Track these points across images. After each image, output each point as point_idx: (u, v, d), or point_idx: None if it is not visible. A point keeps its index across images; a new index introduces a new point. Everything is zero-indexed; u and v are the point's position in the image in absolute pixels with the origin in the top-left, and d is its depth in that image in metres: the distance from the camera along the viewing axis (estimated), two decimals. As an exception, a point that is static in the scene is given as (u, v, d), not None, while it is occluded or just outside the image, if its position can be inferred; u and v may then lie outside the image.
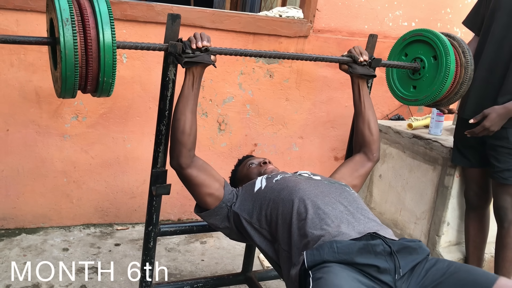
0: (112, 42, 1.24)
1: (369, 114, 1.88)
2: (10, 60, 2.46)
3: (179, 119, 1.57)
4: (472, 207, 2.43)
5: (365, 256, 1.33)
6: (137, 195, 2.92)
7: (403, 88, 2.00)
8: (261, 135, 3.11)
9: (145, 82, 2.74)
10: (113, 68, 1.27)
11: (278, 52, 1.72)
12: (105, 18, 1.24)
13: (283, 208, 1.53)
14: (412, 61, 1.94)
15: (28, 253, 2.49)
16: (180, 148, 1.58)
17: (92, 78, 1.28)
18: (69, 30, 1.18)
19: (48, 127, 2.63)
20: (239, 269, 2.25)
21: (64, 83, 1.23)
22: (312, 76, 3.11)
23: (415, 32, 1.93)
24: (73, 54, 1.19)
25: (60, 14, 1.17)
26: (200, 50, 1.51)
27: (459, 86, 1.86)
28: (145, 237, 1.75)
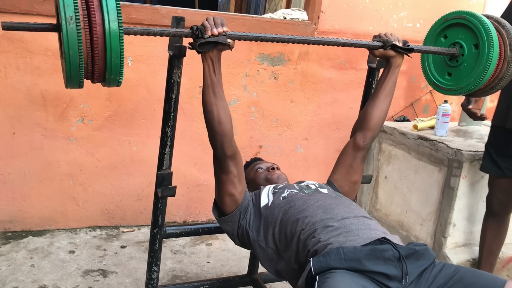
0: (119, 27, 1.17)
1: (383, 100, 1.77)
2: (16, 64, 2.48)
3: (211, 110, 1.52)
4: (493, 213, 2.37)
5: (374, 262, 1.31)
6: (142, 197, 2.93)
7: (438, 74, 1.84)
8: (266, 137, 3.11)
9: (150, 85, 2.75)
10: (121, 55, 1.19)
11: (301, 36, 1.58)
12: (111, 6, 1.17)
13: (291, 226, 1.52)
14: (451, 45, 1.77)
15: (34, 255, 2.50)
16: (221, 138, 1.54)
17: (99, 74, 1.22)
18: (73, 29, 1.12)
19: (54, 130, 2.65)
20: (245, 271, 2.25)
21: (69, 78, 1.19)
22: (317, 78, 3.11)
23: (458, 14, 1.74)
24: (78, 53, 1.14)
25: (64, 11, 1.11)
26: (216, 37, 1.42)
27: (498, 81, 1.70)
28: (150, 239, 1.76)
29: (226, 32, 1.43)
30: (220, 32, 1.42)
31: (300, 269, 1.47)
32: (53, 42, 2.50)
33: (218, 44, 1.43)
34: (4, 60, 2.46)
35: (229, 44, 1.45)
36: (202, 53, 1.47)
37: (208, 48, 1.43)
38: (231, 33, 1.45)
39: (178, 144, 2.39)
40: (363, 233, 1.42)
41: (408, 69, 3.37)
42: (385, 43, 1.68)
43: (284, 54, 2.98)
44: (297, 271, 1.49)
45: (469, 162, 2.52)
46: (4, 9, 2.37)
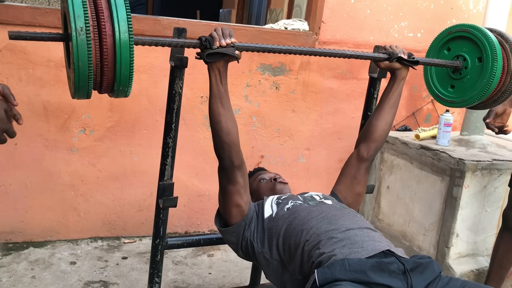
0: (129, 38, 1.15)
1: (388, 112, 1.77)
2: (18, 75, 2.49)
3: (219, 121, 1.51)
4: (508, 228, 2.31)
5: (379, 274, 1.30)
6: (144, 208, 2.92)
7: (441, 86, 1.85)
8: (268, 146, 3.11)
9: (152, 95, 2.75)
10: (131, 66, 1.18)
11: (307, 48, 1.58)
12: (122, 17, 1.15)
13: (296, 238, 1.51)
14: (454, 57, 1.78)
15: (36, 266, 2.49)
16: (230, 149, 1.53)
17: (107, 85, 1.21)
18: (83, 41, 1.09)
19: (56, 141, 2.65)
20: (247, 282, 2.24)
21: (77, 89, 1.16)
22: (318, 88, 3.11)
23: (462, 27, 1.75)
24: (87, 65, 1.12)
25: (74, 22, 1.09)
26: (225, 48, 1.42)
27: (500, 94, 1.71)
28: (152, 250, 1.75)
29: (234, 43, 1.43)
30: (228, 43, 1.42)
31: (304, 280, 1.46)
32: (55, 53, 2.52)
33: (225, 55, 1.43)
34: (7, 71, 2.47)
35: (236, 56, 1.45)
36: (209, 64, 1.47)
37: (215, 58, 1.44)
38: (239, 44, 1.45)
39: (180, 155, 2.39)
40: (367, 245, 1.41)
41: (410, 79, 3.36)
42: (390, 55, 1.69)
43: (285, 64, 2.99)
44: (302, 283, 1.47)
45: (471, 172, 2.51)
46: (7, 20, 2.38)
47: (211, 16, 5.12)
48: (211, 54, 1.41)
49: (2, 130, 1.23)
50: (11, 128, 1.26)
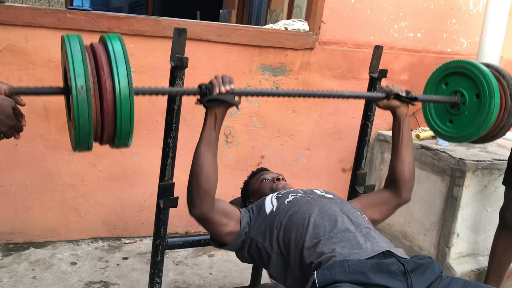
0: (130, 93, 1.15)
1: (405, 152, 1.74)
2: (19, 76, 2.49)
3: (202, 164, 1.48)
4: (506, 226, 2.32)
5: (379, 275, 1.30)
6: (144, 208, 2.92)
7: (439, 120, 1.87)
8: (268, 147, 3.11)
9: (152, 96, 2.75)
10: (131, 120, 1.18)
11: (306, 91, 1.59)
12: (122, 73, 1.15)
13: (296, 232, 1.51)
14: (452, 93, 1.79)
15: (36, 267, 2.49)
16: (204, 196, 1.49)
17: (108, 138, 1.21)
18: (84, 99, 1.09)
19: (56, 142, 2.65)
20: (247, 282, 2.24)
21: (78, 144, 1.16)
22: (319, 88, 3.11)
23: (459, 63, 1.77)
24: (88, 122, 1.11)
25: (75, 80, 1.10)
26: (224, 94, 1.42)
27: (499, 130, 1.73)
28: (153, 251, 1.75)
29: (234, 89, 1.45)
30: (228, 89, 1.43)
31: (303, 276, 1.46)
32: (56, 54, 2.52)
33: (225, 102, 1.45)
34: (7, 72, 2.47)
35: (236, 103, 1.47)
36: (208, 109, 1.48)
37: (215, 104, 1.45)
38: (239, 90, 1.47)
39: (180, 155, 2.39)
40: (367, 246, 1.41)
41: (410, 79, 3.38)
42: (388, 94, 1.69)
43: (285, 64, 2.99)
44: (300, 278, 1.48)
45: (472, 172, 2.51)
46: (7, 21, 2.39)
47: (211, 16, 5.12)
48: (211, 100, 1.42)
49: (10, 126, 1.26)
50: (18, 123, 1.28)
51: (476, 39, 3.38)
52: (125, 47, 1.18)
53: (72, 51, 1.12)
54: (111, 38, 1.20)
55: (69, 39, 1.16)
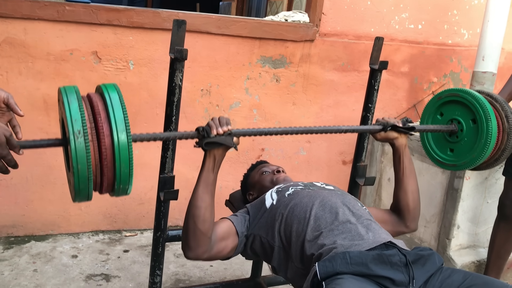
0: (127, 137, 1.16)
1: (408, 182, 1.73)
2: (18, 69, 2.48)
3: (199, 206, 1.47)
4: (505, 217, 2.32)
5: (380, 267, 1.30)
6: (145, 201, 2.92)
7: (440, 150, 1.85)
8: (268, 139, 3.10)
9: (152, 88, 2.75)
10: (130, 165, 1.18)
11: (304, 127, 1.58)
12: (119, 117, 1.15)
13: (298, 225, 1.51)
14: (448, 122, 1.79)
15: (37, 260, 2.50)
16: (200, 237, 1.48)
17: (107, 184, 1.20)
18: (82, 144, 1.09)
19: (56, 134, 2.62)
20: (248, 274, 2.24)
21: (78, 192, 1.16)
22: (319, 80, 3.10)
23: (451, 92, 1.77)
24: (87, 167, 1.11)
25: (72, 126, 1.09)
26: (222, 135, 1.43)
27: (501, 153, 1.73)
28: (153, 243, 1.75)
29: (231, 130, 1.45)
30: (225, 130, 1.43)
31: (304, 269, 1.46)
32: (55, 46, 2.51)
33: (223, 144, 1.44)
34: (6, 65, 2.46)
35: (234, 145, 1.46)
36: (207, 151, 1.47)
37: (213, 147, 1.44)
38: (236, 131, 1.47)
39: (180, 148, 2.38)
40: (368, 237, 1.41)
41: (411, 71, 3.37)
42: (384, 126, 1.69)
43: (286, 56, 2.97)
44: (301, 271, 1.48)
45: (472, 163, 2.50)
46: (6, 13, 2.37)
47: (211, 8, 5.09)
48: (209, 143, 1.42)
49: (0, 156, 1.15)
50: (10, 156, 1.18)
51: (477, 30, 3.36)
52: (121, 94, 1.19)
53: (69, 99, 1.13)
54: (108, 86, 1.20)
55: (66, 90, 1.17)
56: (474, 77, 2.97)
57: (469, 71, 3.45)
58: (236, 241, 1.60)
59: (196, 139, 1.44)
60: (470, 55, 3.44)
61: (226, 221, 1.61)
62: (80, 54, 2.57)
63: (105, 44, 2.59)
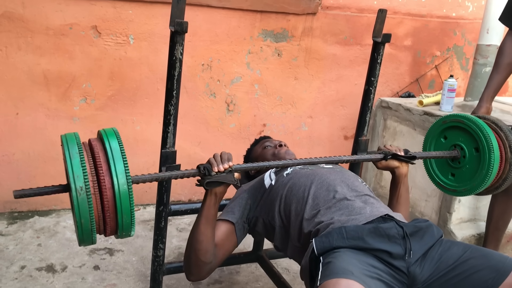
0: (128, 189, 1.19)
1: (399, 209, 1.73)
2: (17, 43, 2.46)
3: (201, 241, 1.49)
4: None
5: (377, 240, 1.31)
6: (147, 176, 2.93)
7: (441, 174, 1.86)
8: (270, 115, 3.09)
9: (152, 63, 2.72)
10: (131, 214, 1.21)
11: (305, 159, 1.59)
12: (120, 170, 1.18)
13: (296, 204, 1.52)
14: (451, 147, 1.79)
15: (41, 235, 2.52)
16: (202, 266, 1.52)
17: (110, 231, 1.24)
18: (84, 200, 1.14)
19: (57, 110, 2.64)
20: (250, 247, 2.26)
21: (82, 240, 1.21)
22: (321, 54, 3.07)
23: (456, 118, 1.76)
24: (89, 221, 1.15)
25: (74, 182, 1.15)
26: (223, 172, 1.43)
27: (502, 181, 1.73)
28: (156, 217, 1.76)
29: (232, 167, 1.44)
30: (226, 168, 1.42)
31: (302, 248, 1.47)
32: (54, 21, 2.48)
33: (224, 183, 1.44)
34: (5, 40, 2.43)
35: (235, 183, 1.46)
36: (209, 189, 1.46)
37: (214, 185, 1.44)
38: (237, 166, 1.46)
39: (182, 123, 2.38)
40: (365, 211, 1.42)
41: (413, 44, 3.33)
42: (386, 154, 1.68)
43: (287, 30, 2.94)
44: (300, 250, 1.49)
45: (475, 138, 2.49)
46: None
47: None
48: (210, 182, 1.42)
49: None
50: None
51: (482, 2, 3.31)
52: (121, 142, 1.23)
53: (70, 153, 1.19)
54: (108, 134, 1.25)
55: (67, 140, 1.23)
56: (478, 50, 2.94)
57: (473, 44, 3.41)
58: (234, 236, 1.62)
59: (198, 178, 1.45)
60: (474, 28, 3.39)
61: (219, 226, 1.61)
62: (80, 28, 2.54)
63: (105, 18, 2.56)
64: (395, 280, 1.29)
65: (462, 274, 1.29)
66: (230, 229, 1.62)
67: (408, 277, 1.30)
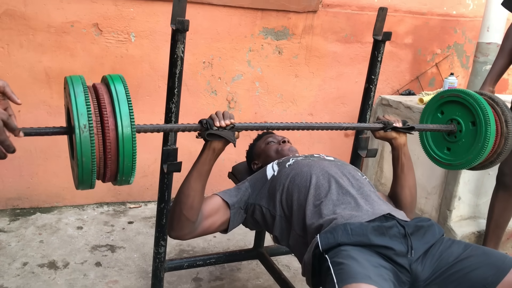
0: (132, 132, 1.18)
1: (405, 178, 1.73)
2: (19, 41, 2.47)
3: (189, 195, 1.48)
4: (504, 185, 2.31)
5: (380, 238, 1.32)
6: (148, 173, 2.94)
7: (437, 148, 1.86)
8: (271, 112, 3.10)
9: (153, 61, 2.73)
10: (133, 158, 1.20)
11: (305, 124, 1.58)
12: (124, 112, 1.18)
13: (299, 194, 1.53)
14: (448, 121, 1.80)
15: (43, 231, 2.54)
16: (184, 222, 1.49)
17: (110, 175, 1.23)
18: (87, 138, 1.11)
19: (59, 107, 2.65)
20: (251, 244, 2.28)
21: (81, 182, 1.19)
22: (322, 52, 3.08)
23: (453, 92, 1.77)
24: (91, 160, 1.13)
25: (78, 120, 1.12)
26: (225, 128, 1.43)
27: (497, 156, 1.73)
28: (157, 214, 1.77)
29: (234, 124, 1.44)
30: (228, 124, 1.42)
31: (304, 237, 1.48)
32: (55, 18, 2.49)
33: (224, 138, 1.44)
34: (7, 38, 2.44)
35: (234, 141, 1.45)
36: (208, 142, 1.46)
37: (215, 138, 1.44)
38: (239, 125, 1.46)
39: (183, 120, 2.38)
40: (367, 209, 1.43)
41: (414, 42, 3.33)
42: (386, 125, 1.68)
43: (288, 28, 2.94)
44: (302, 239, 1.50)
45: (475, 135, 2.50)
46: None
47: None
48: (211, 134, 1.42)
49: None
50: (8, 140, 1.18)
51: (482, 1, 3.31)
52: (127, 87, 1.21)
53: (75, 91, 1.16)
54: (114, 78, 1.23)
55: (72, 80, 1.20)
56: (478, 48, 2.94)
57: (473, 42, 3.41)
58: (227, 214, 1.61)
59: (198, 131, 1.45)
60: (475, 26, 3.39)
61: (213, 198, 1.61)
62: (81, 26, 2.55)
63: (106, 16, 2.57)
64: (399, 279, 1.30)
65: (462, 271, 1.30)
66: (223, 206, 1.61)
67: (410, 274, 1.32)
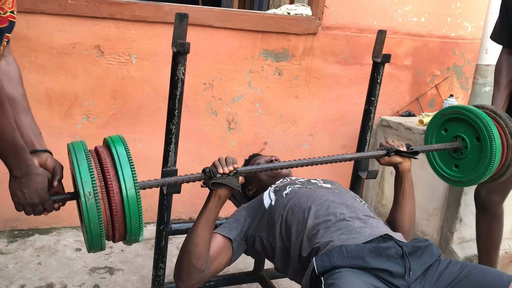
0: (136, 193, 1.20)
1: (405, 204, 1.73)
2: (21, 63, 2.48)
3: (197, 244, 1.47)
4: (481, 206, 2.21)
5: (377, 260, 1.31)
6: (148, 194, 2.92)
7: (445, 166, 1.87)
8: (271, 133, 3.10)
9: (154, 82, 2.75)
10: (140, 218, 1.21)
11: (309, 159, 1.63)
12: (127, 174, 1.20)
13: (297, 225, 1.52)
14: (452, 138, 1.80)
15: (41, 253, 2.52)
16: (194, 272, 1.48)
17: (119, 237, 1.24)
18: (93, 204, 1.14)
19: (59, 128, 2.65)
20: (251, 267, 2.25)
21: (91, 246, 1.21)
22: (321, 73, 3.10)
23: (455, 109, 1.78)
24: (98, 226, 1.16)
25: (82, 187, 1.15)
26: (228, 175, 1.44)
27: (506, 169, 1.74)
28: (156, 236, 1.76)
29: (237, 169, 1.45)
30: (231, 169, 1.44)
31: (302, 269, 1.47)
32: (57, 40, 2.51)
33: (228, 185, 1.45)
34: (9, 59, 2.46)
35: (238, 187, 1.47)
36: (213, 190, 1.47)
37: (219, 186, 1.45)
38: (242, 169, 1.48)
39: (183, 141, 2.39)
40: (365, 231, 1.42)
41: (413, 64, 3.35)
42: (388, 150, 1.69)
43: (288, 49, 2.97)
44: (300, 271, 1.49)
45: (475, 157, 2.50)
46: (8, 8, 2.37)
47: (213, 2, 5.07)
48: (215, 183, 1.44)
49: (41, 200, 1.23)
50: (50, 200, 1.26)
51: (480, 23, 3.34)
52: (128, 148, 1.25)
53: (78, 159, 1.20)
54: (115, 141, 1.27)
55: (74, 147, 1.26)
56: (477, 70, 2.96)
57: (472, 64, 3.44)
58: (230, 251, 1.60)
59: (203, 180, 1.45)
60: (474, 48, 3.42)
61: (215, 238, 1.59)
62: (83, 47, 2.57)
63: (108, 37, 2.59)
64: None
65: None
66: (226, 244, 1.60)
67: None
